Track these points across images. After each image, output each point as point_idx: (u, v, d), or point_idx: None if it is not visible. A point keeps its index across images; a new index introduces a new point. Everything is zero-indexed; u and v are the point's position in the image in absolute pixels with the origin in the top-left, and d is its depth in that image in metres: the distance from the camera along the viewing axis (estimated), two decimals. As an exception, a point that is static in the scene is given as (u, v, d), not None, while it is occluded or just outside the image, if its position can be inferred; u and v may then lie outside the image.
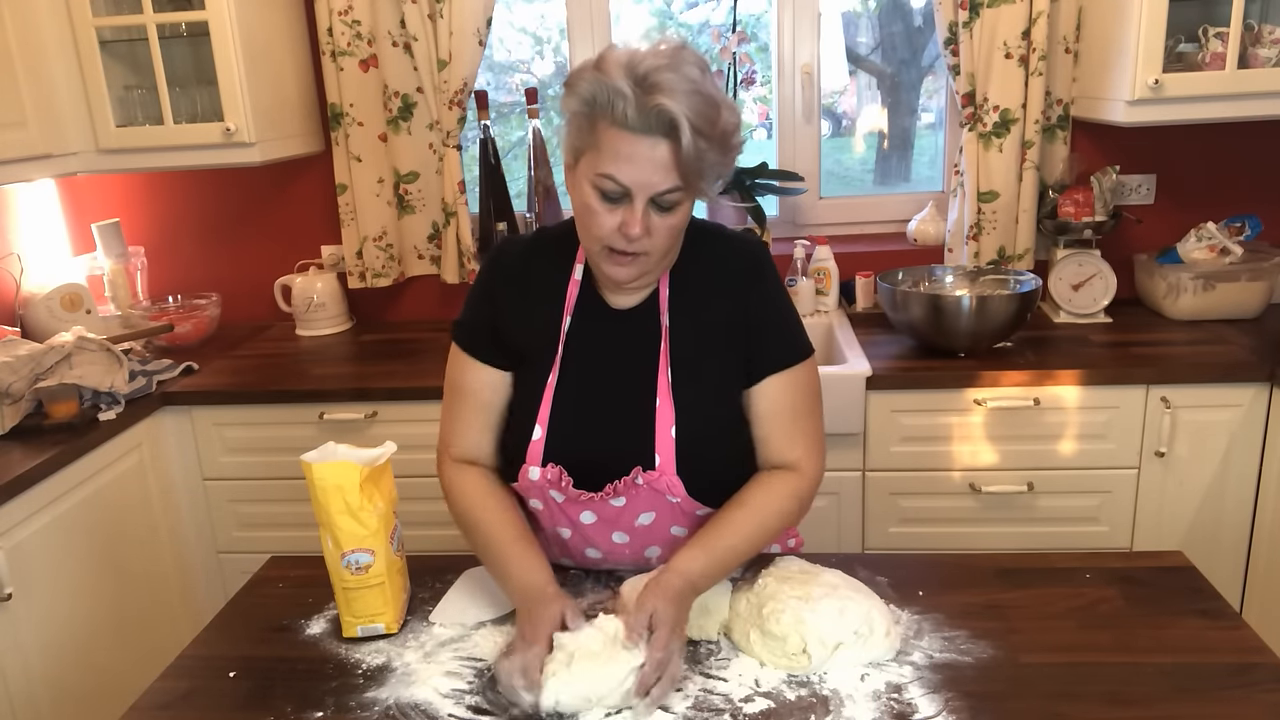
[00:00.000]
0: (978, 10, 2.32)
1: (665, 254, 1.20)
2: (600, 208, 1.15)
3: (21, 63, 2.16)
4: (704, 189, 1.16)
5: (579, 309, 1.28)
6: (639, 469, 1.23)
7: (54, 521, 1.89)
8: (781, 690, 1.08)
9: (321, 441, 1.23)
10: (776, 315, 1.29)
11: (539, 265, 1.31)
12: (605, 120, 1.11)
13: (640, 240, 1.14)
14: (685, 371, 1.25)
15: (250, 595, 1.36)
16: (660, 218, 1.15)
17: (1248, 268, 2.32)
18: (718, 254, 1.29)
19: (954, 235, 2.51)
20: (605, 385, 1.27)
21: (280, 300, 2.72)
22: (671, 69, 1.09)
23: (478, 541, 1.27)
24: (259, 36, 2.34)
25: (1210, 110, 2.13)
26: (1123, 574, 1.29)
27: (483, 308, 1.33)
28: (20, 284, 2.48)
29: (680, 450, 1.23)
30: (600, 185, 1.14)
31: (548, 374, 1.27)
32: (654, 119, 1.08)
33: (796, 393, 1.28)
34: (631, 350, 1.27)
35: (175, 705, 1.12)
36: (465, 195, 2.57)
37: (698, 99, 1.09)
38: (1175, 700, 1.04)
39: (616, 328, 1.28)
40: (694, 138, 1.08)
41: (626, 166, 1.11)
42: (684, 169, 1.11)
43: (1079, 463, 2.12)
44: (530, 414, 1.27)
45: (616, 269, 1.19)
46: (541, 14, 2.81)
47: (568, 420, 1.26)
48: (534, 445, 1.26)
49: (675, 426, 1.23)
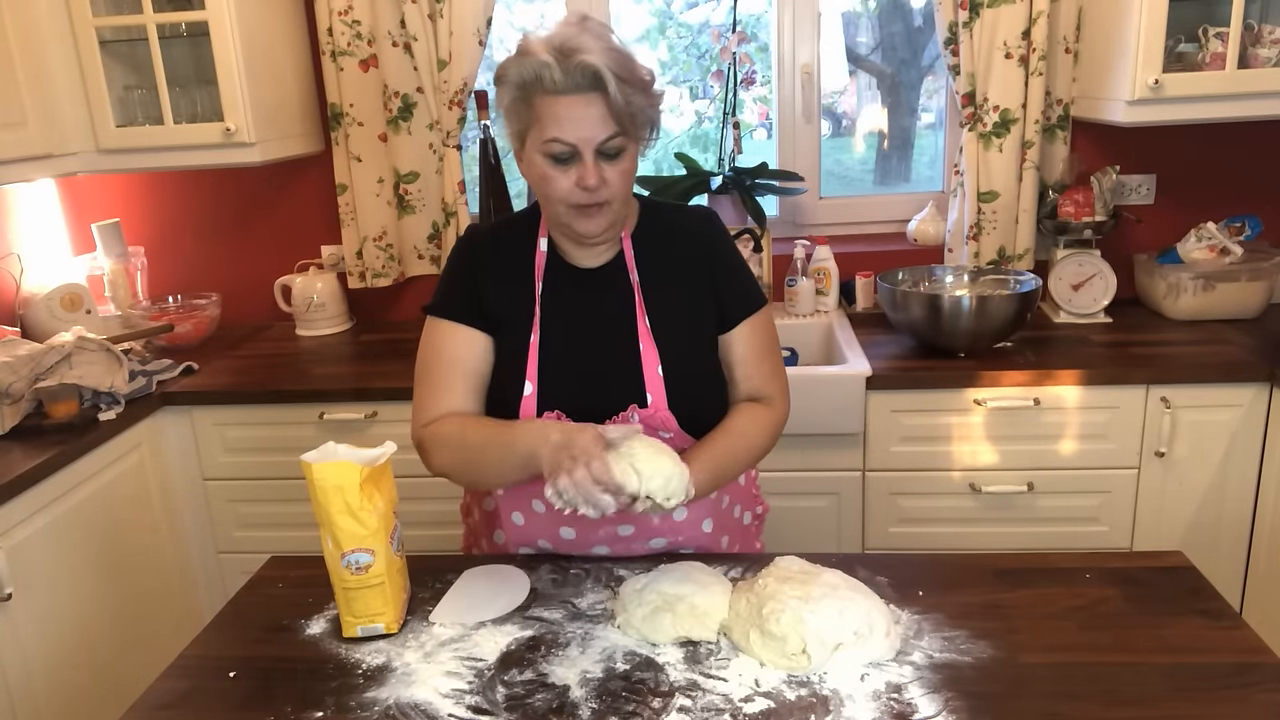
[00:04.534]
0: (978, 10, 2.32)
1: (624, 201, 1.31)
2: (554, 172, 1.26)
3: (21, 63, 2.16)
4: (641, 134, 1.28)
5: (549, 275, 1.38)
6: (634, 406, 1.32)
7: (54, 521, 1.89)
8: (781, 690, 1.08)
9: (321, 441, 1.23)
10: (737, 268, 1.43)
11: (506, 243, 1.41)
12: (538, 93, 1.23)
13: (599, 190, 1.25)
14: (662, 317, 1.36)
15: (250, 595, 1.36)
16: (610, 166, 1.26)
17: (1248, 268, 2.32)
18: (673, 218, 1.43)
19: (954, 235, 2.52)
20: (587, 338, 1.36)
21: (280, 300, 2.72)
22: (583, 34, 1.22)
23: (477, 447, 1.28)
24: (259, 36, 2.35)
25: (1210, 110, 2.13)
26: (1123, 574, 1.29)
27: (459, 283, 1.39)
28: (20, 284, 2.48)
29: (669, 387, 1.33)
30: (549, 150, 1.25)
31: (528, 335, 1.36)
32: (580, 76, 1.20)
33: (765, 335, 1.43)
34: (606, 304, 1.37)
35: (175, 705, 1.12)
36: (465, 195, 2.57)
37: (613, 53, 1.22)
38: (1175, 700, 1.04)
39: (588, 286, 1.38)
40: (619, 85, 1.21)
41: (568, 125, 1.22)
42: (618, 115, 1.23)
43: (1079, 463, 2.13)
44: (518, 373, 1.35)
45: (587, 222, 1.29)
46: (541, 14, 2.81)
47: (556, 372, 1.34)
48: (526, 400, 1.34)
49: (661, 365, 1.34)
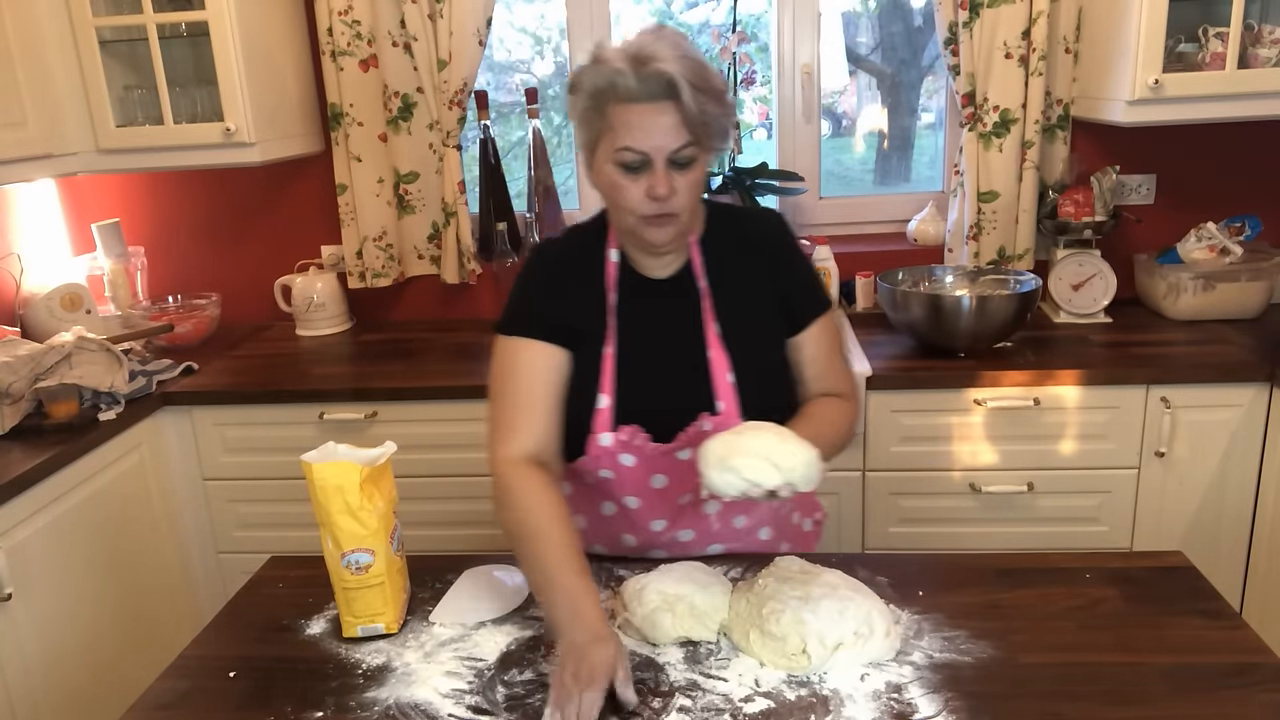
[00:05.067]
0: (978, 10, 2.32)
1: (693, 212, 1.29)
2: (625, 181, 1.24)
3: (21, 63, 2.16)
4: (713, 144, 1.25)
5: (621, 286, 1.36)
6: (705, 415, 1.31)
7: (54, 521, 1.89)
8: (781, 690, 1.08)
9: (321, 441, 1.23)
10: (805, 271, 1.42)
11: (576, 254, 1.39)
12: (612, 102, 1.21)
13: (669, 200, 1.23)
14: (731, 324, 1.35)
15: (250, 595, 1.36)
16: (681, 175, 1.23)
17: (1248, 268, 2.32)
18: (741, 221, 1.42)
19: (954, 235, 2.51)
20: (659, 348, 1.35)
21: (280, 300, 2.72)
22: (658, 41, 1.20)
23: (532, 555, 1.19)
24: (259, 36, 2.35)
25: (1210, 110, 2.13)
26: (1123, 574, 1.29)
27: (533, 298, 1.37)
28: (20, 284, 2.48)
29: (741, 394, 1.32)
30: (621, 159, 1.23)
31: (603, 347, 1.34)
32: (654, 85, 1.18)
33: (832, 337, 1.42)
34: (677, 313, 1.36)
35: (175, 705, 1.12)
36: (465, 195, 2.57)
37: (688, 61, 1.20)
38: (1175, 700, 1.04)
39: (659, 296, 1.36)
40: (694, 94, 1.18)
41: (640, 134, 1.20)
42: (691, 124, 1.20)
43: (1079, 463, 2.13)
44: (592, 386, 1.33)
45: (655, 232, 1.27)
46: (541, 14, 2.81)
47: (631, 384, 1.33)
48: (601, 413, 1.32)
49: (732, 372, 1.33)
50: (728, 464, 1.11)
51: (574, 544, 1.19)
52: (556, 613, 1.13)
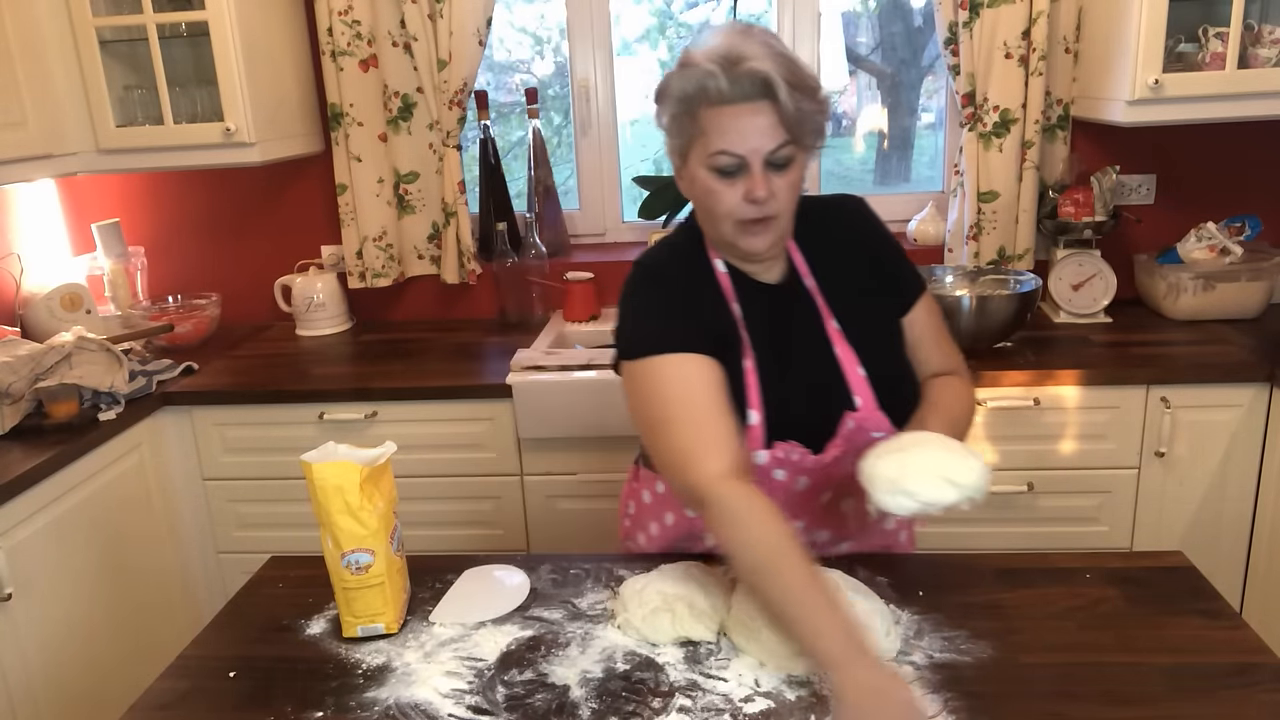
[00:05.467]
0: (978, 10, 2.32)
1: (791, 215, 1.25)
2: (721, 186, 1.20)
3: (21, 63, 2.16)
4: (810, 143, 1.22)
5: (740, 296, 1.31)
6: (847, 414, 1.27)
7: (54, 521, 1.89)
8: (781, 690, 1.08)
9: (321, 441, 1.23)
10: (899, 251, 1.39)
11: (682, 268, 1.31)
12: (704, 106, 1.18)
13: (768, 203, 1.19)
14: (847, 319, 1.32)
15: (250, 595, 1.36)
16: (778, 177, 1.20)
17: (1248, 268, 2.32)
18: (821, 212, 1.36)
19: (954, 235, 2.51)
20: (791, 355, 1.31)
21: (280, 300, 2.72)
22: (748, 40, 1.17)
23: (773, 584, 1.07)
24: (259, 36, 2.35)
25: (1210, 110, 2.13)
26: (1123, 574, 1.29)
27: (665, 306, 1.27)
28: (20, 284, 2.48)
29: (875, 385, 1.29)
30: (715, 164, 1.19)
31: (741, 360, 1.28)
32: (748, 84, 1.15)
33: (937, 312, 1.40)
34: (796, 317, 1.32)
35: (175, 705, 1.12)
36: (465, 195, 2.57)
37: (781, 58, 1.16)
38: (1175, 700, 1.04)
39: (776, 301, 1.32)
40: (789, 91, 1.14)
41: (735, 137, 1.17)
42: (788, 123, 1.17)
43: (1079, 463, 2.12)
44: (738, 402, 1.26)
45: (753, 239, 1.23)
46: (541, 14, 2.81)
47: (777, 396, 1.29)
48: (753, 430, 1.27)
49: (861, 365, 1.30)
50: (901, 487, 1.08)
51: (815, 569, 1.07)
52: (823, 644, 1.00)
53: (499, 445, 2.22)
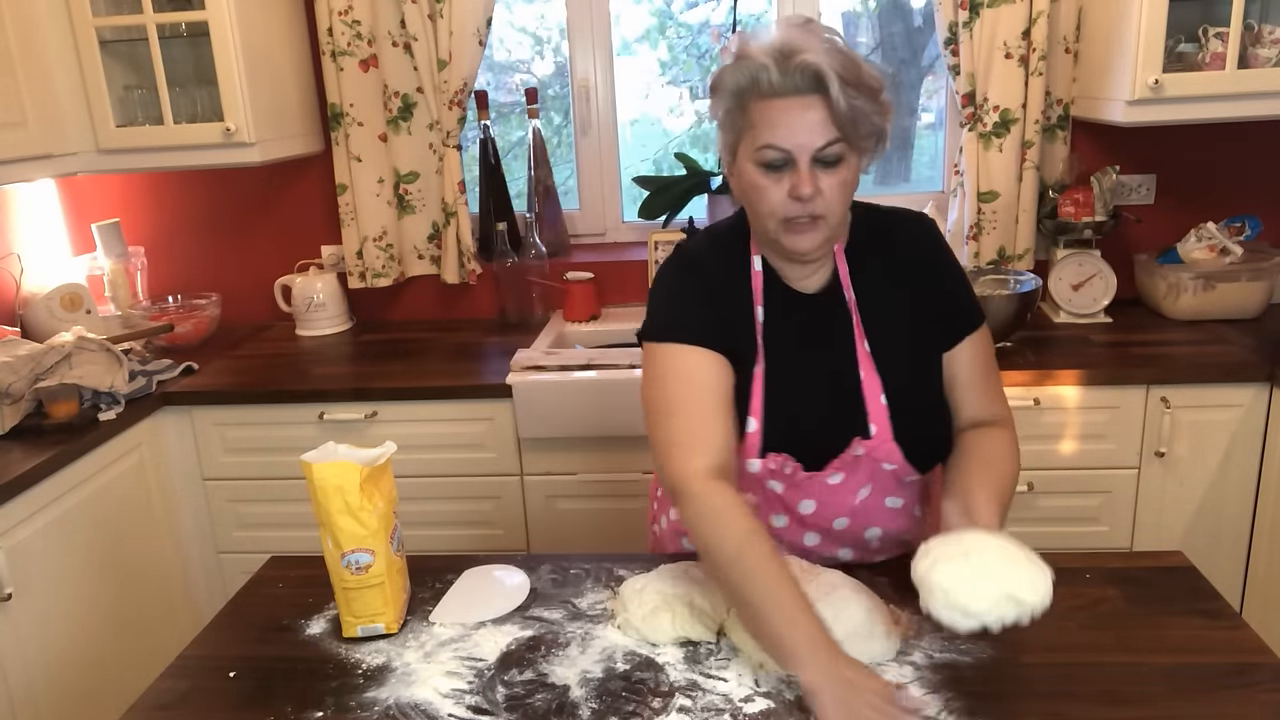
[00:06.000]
0: (978, 10, 2.32)
1: (840, 217, 1.20)
2: (767, 181, 1.16)
3: (21, 63, 2.16)
4: (864, 144, 1.17)
5: (767, 298, 1.28)
6: (858, 440, 1.24)
7: (54, 521, 1.89)
8: (781, 690, 1.08)
9: (321, 441, 1.23)
10: (960, 280, 1.32)
11: (719, 261, 1.30)
12: (754, 98, 1.15)
13: (813, 201, 1.15)
14: (882, 342, 1.26)
15: (250, 595, 1.36)
16: (826, 175, 1.15)
17: (1248, 268, 2.32)
18: (888, 227, 1.31)
19: (954, 235, 2.51)
20: (808, 368, 1.27)
21: (280, 300, 2.72)
22: (806, 34, 1.14)
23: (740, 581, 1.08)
24: (259, 36, 2.35)
25: (1210, 110, 2.13)
26: (1123, 574, 1.29)
27: (686, 303, 1.27)
28: (20, 284, 2.48)
29: (894, 417, 1.24)
30: (762, 158, 1.15)
31: (752, 365, 1.26)
32: (799, 77, 1.11)
33: (987, 352, 1.31)
34: (825, 330, 1.28)
35: (175, 705, 1.12)
36: (465, 195, 2.57)
37: (838, 54, 1.12)
38: (1175, 700, 1.04)
39: (807, 312, 1.28)
40: (842, 87, 1.10)
41: (783, 130, 1.13)
42: (839, 120, 1.12)
43: (1079, 463, 2.12)
44: (741, 407, 1.25)
45: (797, 239, 1.19)
46: (541, 14, 2.81)
47: (781, 408, 1.26)
48: (750, 437, 1.25)
49: (885, 394, 1.25)
50: (958, 603, 1.01)
51: (784, 564, 1.09)
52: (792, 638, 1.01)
53: (499, 445, 2.22)
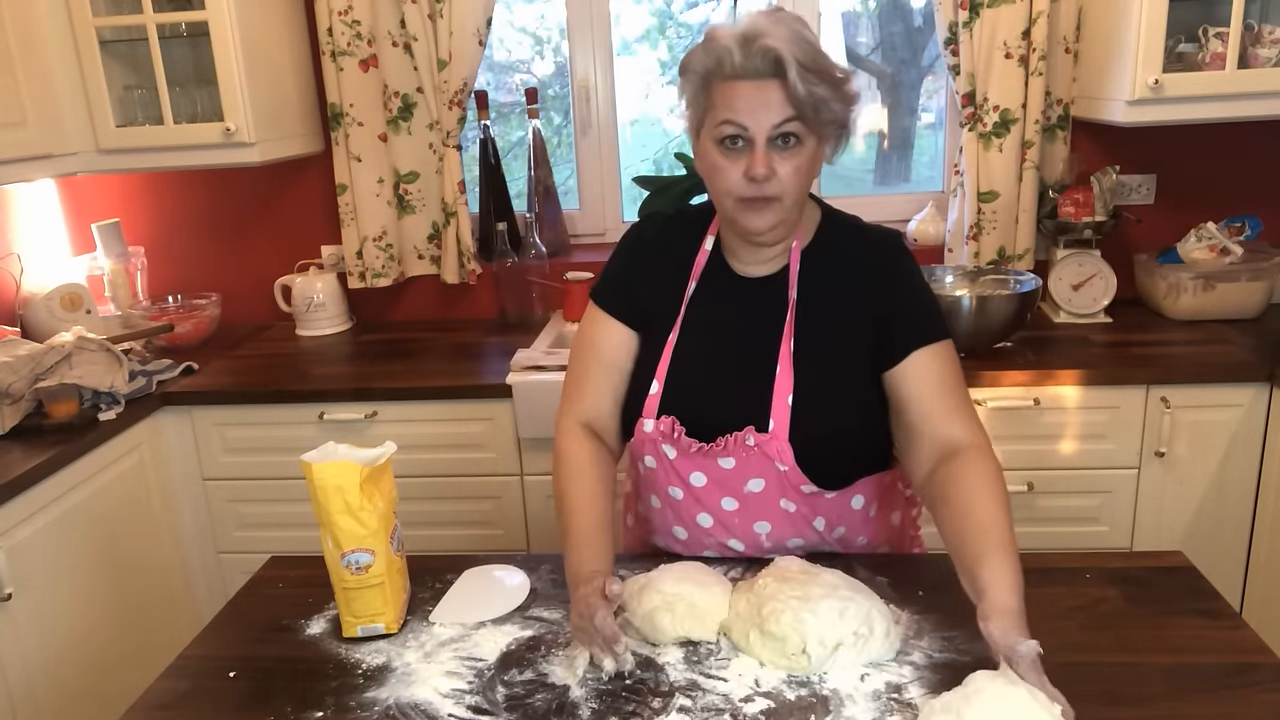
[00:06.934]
0: (978, 10, 2.32)
1: (796, 201, 1.23)
2: (725, 161, 1.20)
3: (21, 63, 2.16)
4: (823, 131, 1.20)
5: (706, 276, 1.34)
6: (751, 429, 1.26)
7: (54, 521, 1.89)
8: (781, 690, 1.08)
9: (321, 441, 1.23)
10: (915, 297, 1.29)
11: (673, 237, 1.38)
12: (717, 80, 1.19)
13: (769, 182, 1.18)
14: (809, 345, 1.28)
15: (250, 595, 1.36)
16: (782, 158, 1.19)
17: (1248, 268, 2.32)
18: (853, 241, 1.33)
19: (954, 235, 2.51)
20: (726, 349, 1.31)
21: (280, 300, 2.72)
22: (771, 21, 1.17)
23: (561, 516, 1.28)
24: (259, 36, 2.35)
25: (1210, 110, 2.13)
26: (1123, 574, 1.29)
27: (619, 269, 1.39)
28: (20, 284, 2.48)
29: (795, 419, 1.26)
30: (720, 133, 1.19)
31: (669, 333, 1.33)
32: (759, 60, 1.15)
33: (945, 370, 1.25)
34: (755, 318, 1.31)
35: (175, 705, 1.12)
36: (465, 195, 2.57)
37: (801, 42, 1.16)
38: (1175, 700, 1.04)
39: (742, 296, 1.32)
40: (800, 72, 1.14)
41: (741, 107, 1.17)
42: (796, 103, 1.16)
43: (1079, 463, 2.13)
44: (650, 370, 1.33)
45: (752, 217, 1.22)
46: (541, 14, 2.81)
47: (685, 377, 1.31)
48: (650, 399, 1.31)
49: (792, 395, 1.26)
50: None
51: (596, 507, 1.24)
52: (570, 564, 1.20)
53: (499, 445, 2.22)
